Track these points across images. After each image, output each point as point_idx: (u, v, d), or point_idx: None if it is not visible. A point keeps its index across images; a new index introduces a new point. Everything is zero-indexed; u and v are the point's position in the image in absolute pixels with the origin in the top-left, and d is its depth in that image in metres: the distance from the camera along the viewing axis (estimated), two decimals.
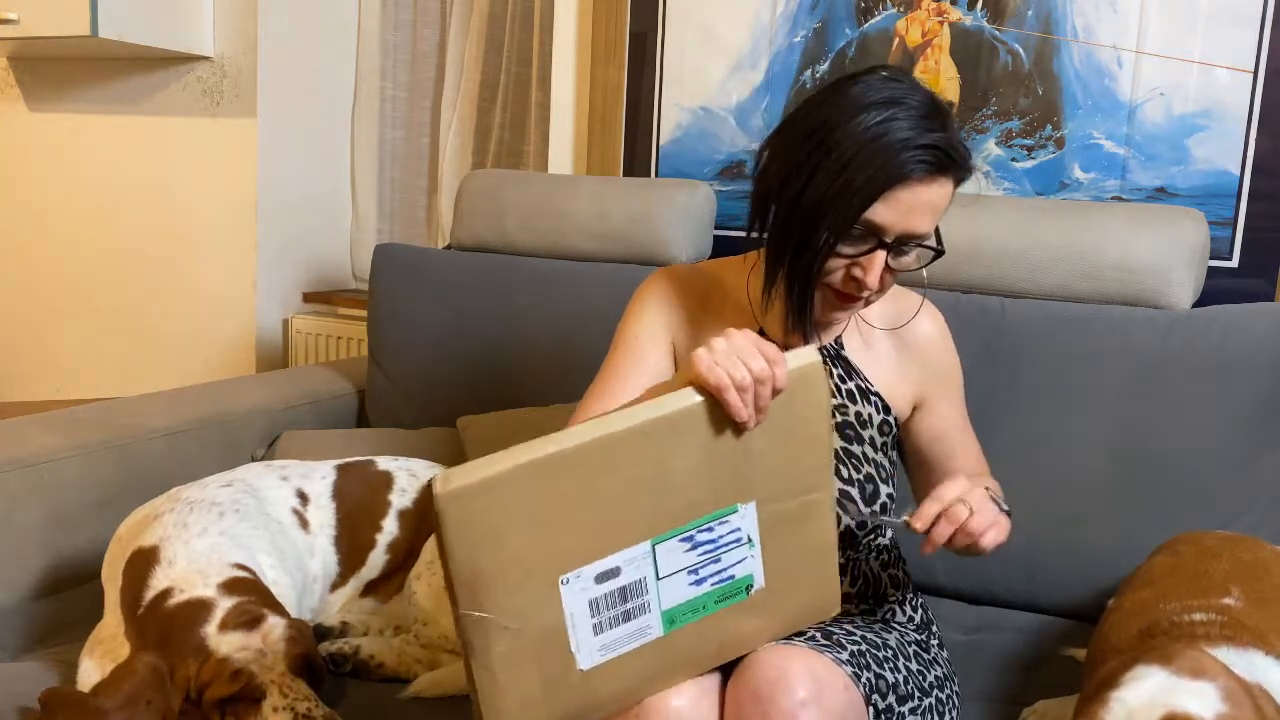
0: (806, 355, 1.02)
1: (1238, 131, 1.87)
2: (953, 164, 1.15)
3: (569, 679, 1.00)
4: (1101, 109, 1.96)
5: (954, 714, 1.25)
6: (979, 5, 2.03)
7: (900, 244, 1.16)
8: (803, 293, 1.20)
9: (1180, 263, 1.68)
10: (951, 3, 2.05)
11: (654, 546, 1.00)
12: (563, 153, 2.49)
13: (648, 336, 1.33)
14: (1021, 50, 2.01)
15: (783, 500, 1.05)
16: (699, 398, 0.98)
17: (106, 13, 2.44)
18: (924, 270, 1.21)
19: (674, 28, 2.29)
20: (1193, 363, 1.62)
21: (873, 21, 2.12)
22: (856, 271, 1.17)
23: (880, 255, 1.15)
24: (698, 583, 1.03)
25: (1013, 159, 2.04)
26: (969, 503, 1.08)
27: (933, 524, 1.08)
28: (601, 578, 0.98)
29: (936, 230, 1.19)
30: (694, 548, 1.02)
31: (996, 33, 2.03)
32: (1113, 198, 1.97)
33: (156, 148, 2.78)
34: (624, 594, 1.00)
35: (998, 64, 2.03)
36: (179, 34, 2.61)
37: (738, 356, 0.98)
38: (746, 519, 1.04)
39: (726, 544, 1.04)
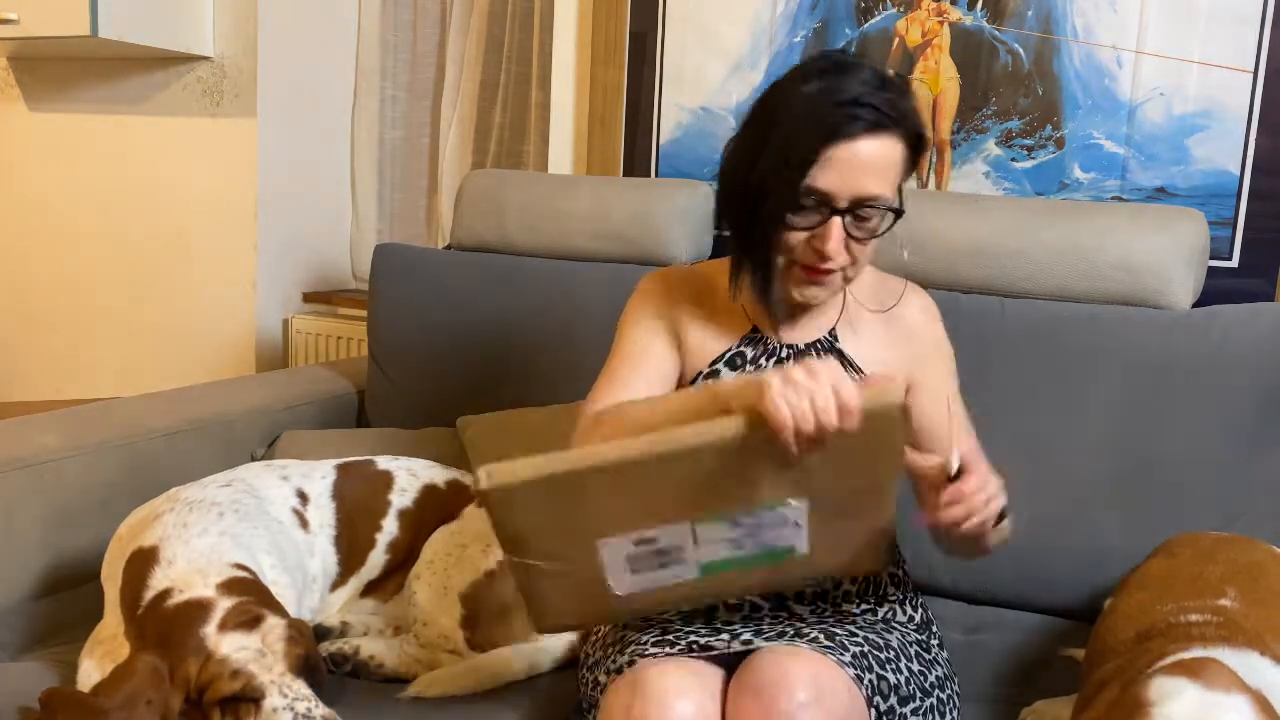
0: (889, 394, 0.98)
1: (1238, 131, 1.87)
2: (890, 121, 1.12)
3: (607, 598, 1.08)
4: (1101, 109, 1.96)
5: (955, 714, 1.25)
6: (979, 5, 2.03)
7: (855, 209, 1.14)
8: (764, 272, 1.19)
9: (1180, 263, 1.68)
10: (951, 3, 2.05)
11: (694, 527, 1.03)
12: (563, 153, 2.49)
13: (648, 336, 1.33)
14: (1021, 50, 2.01)
15: (837, 504, 1.05)
16: (749, 428, 0.97)
17: (106, 13, 2.44)
18: (905, 252, 1.21)
19: (674, 28, 2.28)
20: (1193, 363, 1.61)
21: (873, 21, 2.12)
22: (816, 243, 1.16)
23: (835, 223, 1.14)
24: (737, 548, 1.06)
25: (1012, 159, 2.04)
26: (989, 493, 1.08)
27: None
28: (639, 543, 1.04)
29: (901, 193, 1.17)
30: (736, 526, 1.04)
31: (996, 33, 2.03)
32: (1113, 198, 1.97)
33: (156, 148, 2.78)
34: (660, 554, 1.05)
35: (998, 64, 2.03)
36: (179, 34, 2.61)
37: (810, 401, 0.94)
38: (796, 511, 1.04)
39: (771, 524, 1.05)
